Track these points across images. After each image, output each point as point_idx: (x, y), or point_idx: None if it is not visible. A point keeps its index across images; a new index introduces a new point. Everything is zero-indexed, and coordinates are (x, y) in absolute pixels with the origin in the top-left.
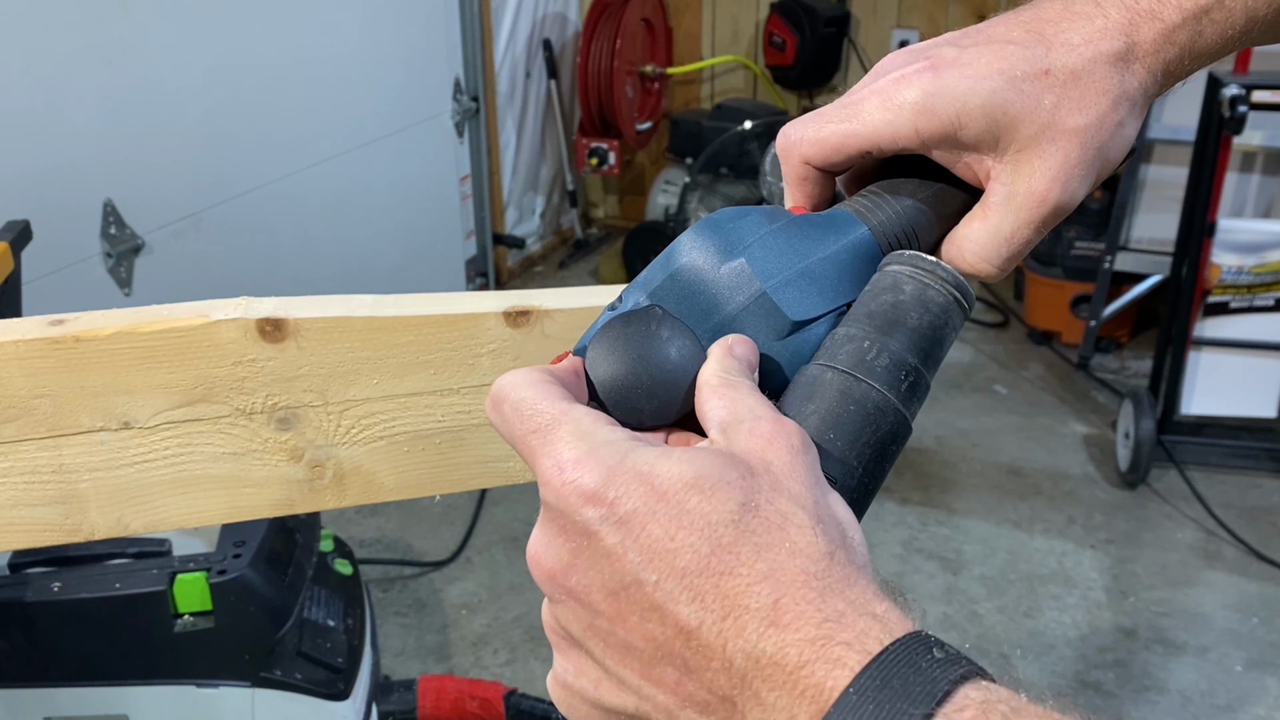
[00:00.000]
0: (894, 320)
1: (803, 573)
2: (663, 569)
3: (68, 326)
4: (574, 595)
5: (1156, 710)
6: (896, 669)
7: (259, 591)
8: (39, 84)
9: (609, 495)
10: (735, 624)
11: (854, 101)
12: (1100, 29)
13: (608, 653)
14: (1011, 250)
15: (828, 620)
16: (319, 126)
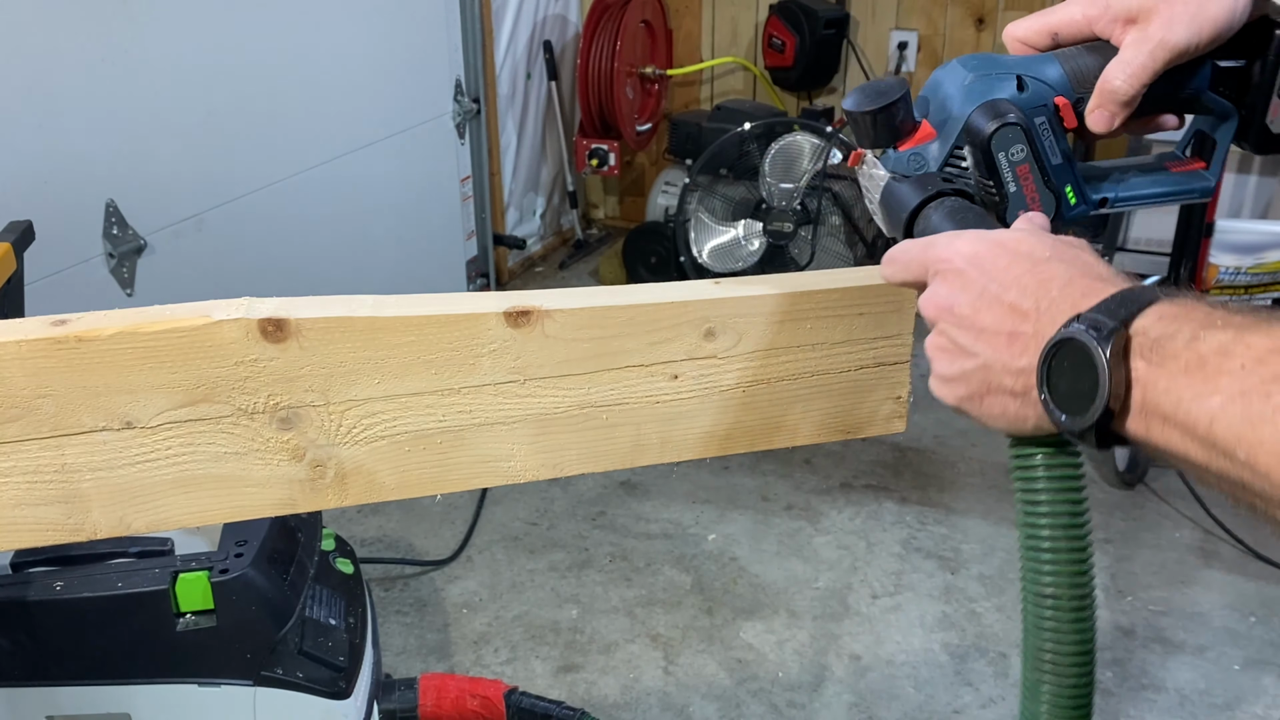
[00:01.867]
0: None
1: (1087, 268)
2: (1004, 280)
3: (70, 327)
4: (953, 312)
5: (1155, 709)
6: (1127, 294)
7: (261, 590)
8: (41, 85)
9: (973, 250)
10: (1044, 294)
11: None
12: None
13: (967, 337)
14: (1133, 69)
15: (1100, 281)
16: (321, 127)
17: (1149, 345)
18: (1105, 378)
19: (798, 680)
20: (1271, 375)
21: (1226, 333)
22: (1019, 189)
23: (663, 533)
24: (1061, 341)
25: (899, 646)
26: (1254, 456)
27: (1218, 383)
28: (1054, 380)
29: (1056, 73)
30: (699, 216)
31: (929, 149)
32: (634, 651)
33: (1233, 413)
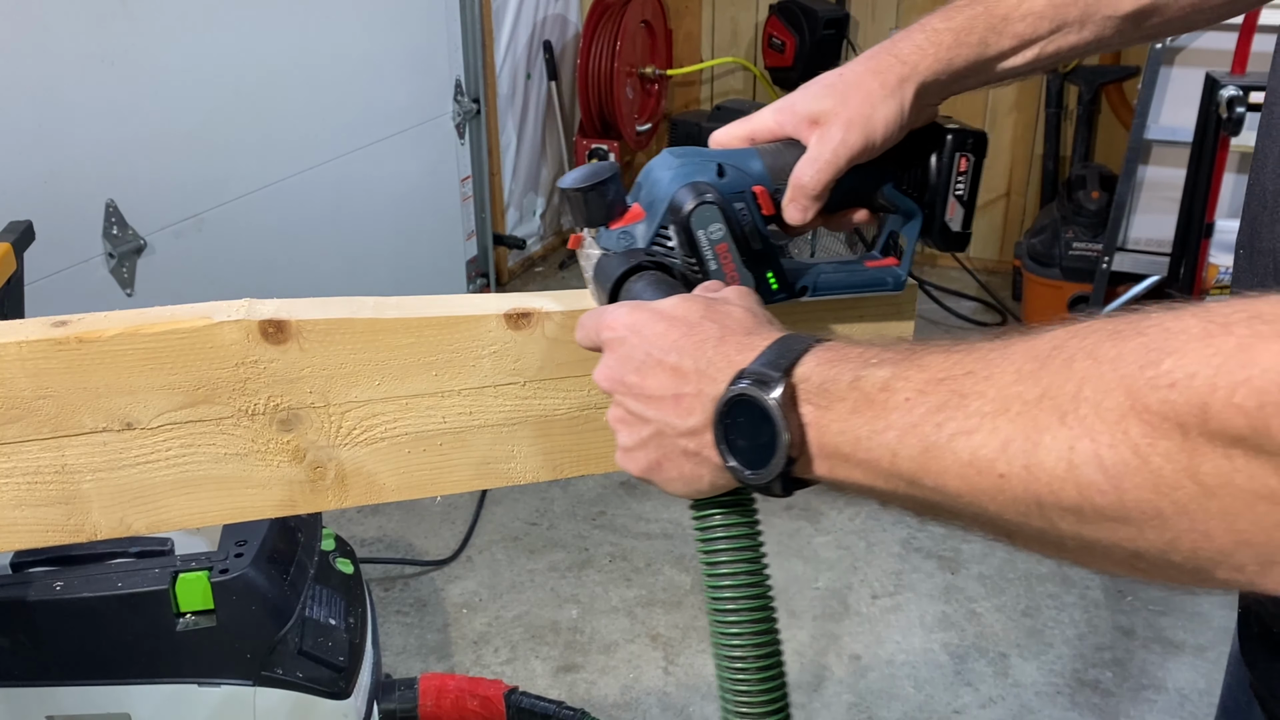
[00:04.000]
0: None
1: (739, 325)
2: (662, 345)
3: (71, 328)
4: (622, 382)
5: (1155, 709)
6: (783, 345)
7: (261, 590)
8: (41, 85)
9: (631, 319)
10: (701, 354)
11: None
12: (873, 54)
13: (638, 404)
14: (819, 166)
15: (751, 336)
16: (321, 128)
17: (814, 390)
18: (782, 428)
19: (798, 680)
20: (936, 405)
21: (884, 369)
22: (719, 267)
23: (663, 533)
24: (733, 399)
25: (899, 646)
26: (942, 482)
27: (889, 419)
28: (732, 438)
29: (756, 164)
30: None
31: (637, 228)
32: (634, 651)
33: (911, 445)
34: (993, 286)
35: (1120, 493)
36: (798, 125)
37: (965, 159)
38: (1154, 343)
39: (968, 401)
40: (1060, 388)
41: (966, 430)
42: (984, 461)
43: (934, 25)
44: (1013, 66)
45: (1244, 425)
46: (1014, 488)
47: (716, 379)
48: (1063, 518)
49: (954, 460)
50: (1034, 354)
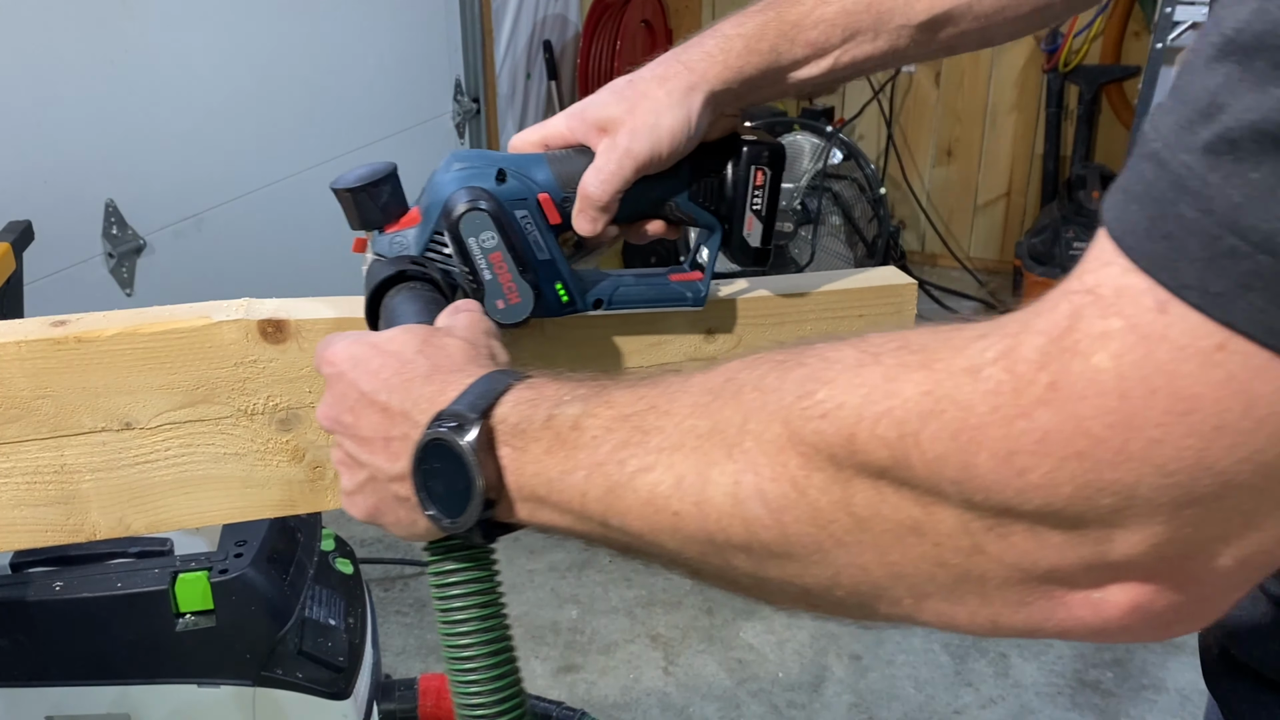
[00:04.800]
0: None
1: (451, 360)
2: (374, 384)
3: (70, 327)
4: (339, 422)
5: (1155, 709)
6: (485, 384)
7: (260, 591)
8: (41, 85)
9: (350, 353)
10: (409, 394)
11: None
12: (661, 61)
13: (354, 446)
14: (604, 176)
15: (457, 373)
16: (321, 127)
17: (510, 432)
18: (476, 473)
19: (798, 680)
20: (620, 442)
21: (575, 406)
22: (494, 277)
23: None
24: (429, 443)
25: (899, 647)
26: (625, 522)
27: (577, 458)
28: (431, 484)
29: (543, 171)
30: None
31: (410, 233)
32: (634, 652)
33: (597, 484)
34: (993, 286)
35: (782, 527)
36: (587, 132)
37: (761, 173)
38: (813, 373)
39: (649, 438)
40: (729, 421)
41: (645, 467)
42: (661, 499)
43: (725, 31)
44: (809, 77)
45: (886, 456)
46: (688, 525)
47: (419, 421)
48: (735, 555)
49: (635, 499)
50: (708, 387)
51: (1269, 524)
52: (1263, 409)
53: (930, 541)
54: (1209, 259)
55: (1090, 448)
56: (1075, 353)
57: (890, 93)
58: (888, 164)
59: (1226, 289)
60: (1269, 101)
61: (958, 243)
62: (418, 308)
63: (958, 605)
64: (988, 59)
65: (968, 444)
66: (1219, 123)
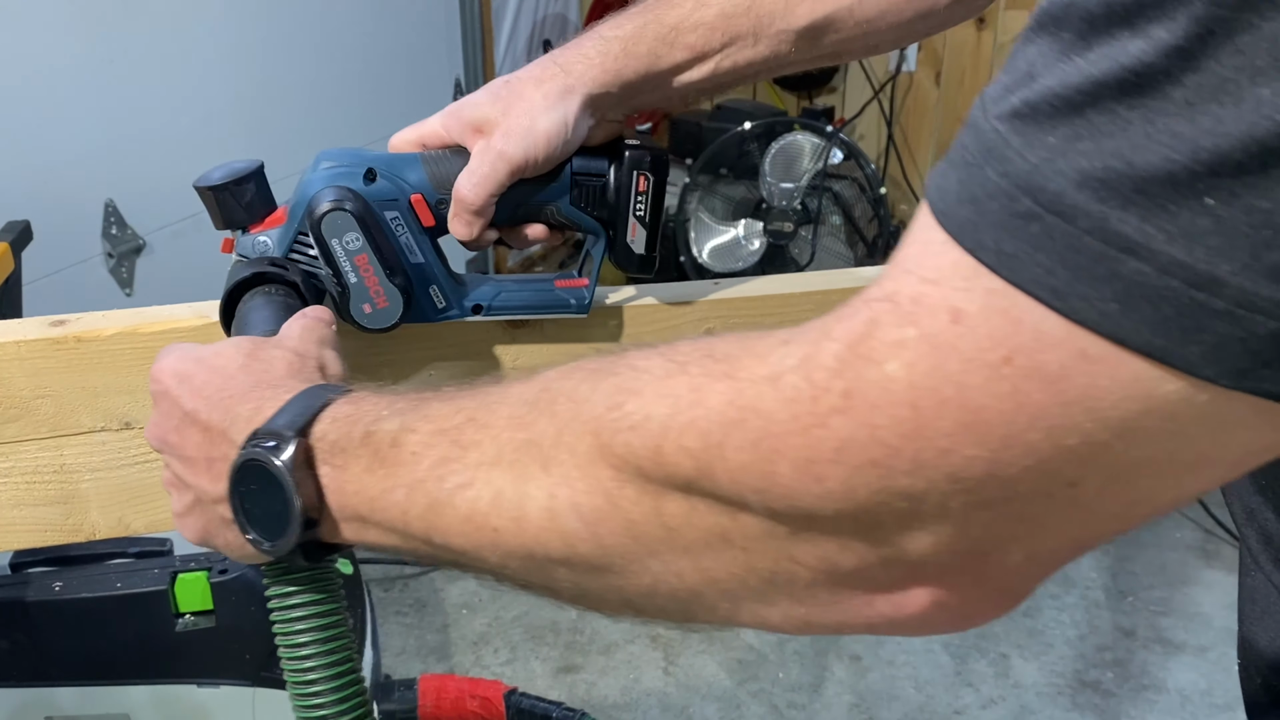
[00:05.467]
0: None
1: (274, 375)
2: (198, 400)
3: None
4: (165, 442)
5: (1155, 709)
6: (304, 399)
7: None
8: (40, 84)
9: (178, 369)
10: (228, 412)
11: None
12: (539, 62)
13: (180, 467)
14: (478, 179)
15: (277, 388)
16: (320, 127)
17: (329, 449)
18: (294, 494)
19: (798, 681)
20: (439, 458)
21: (394, 421)
22: (360, 280)
23: None
24: (244, 464)
25: (899, 647)
26: (448, 540)
27: (397, 476)
28: (249, 506)
29: (416, 172)
30: (699, 216)
31: (274, 233)
32: (634, 652)
33: (418, 502)
34: None
35: (598, 539)
36: (463, 132)
37: (644, 178)
38: (622, 383)
39: (467, 452)
40: (544, 433)
41: (465, 484)
42: (480, 516)
43: (603, 34)
44: (690, 81)
45: (692, 467)
46: (508, 541)
47: (236, 440)
48: (555, 569)
49: (454, 516)
50: (524, 398)
51: (1057, 525)
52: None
53: (739, 548)
54: (1006, 220)
55: (884, 456)
56: (870, 360)
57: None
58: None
59: (1019, 250)
60: (1070, 69)
61: None
62: (269, 314)
63: (771, 607)
64: (988, 58)
65: (768, 453)
66: (1029, 89)
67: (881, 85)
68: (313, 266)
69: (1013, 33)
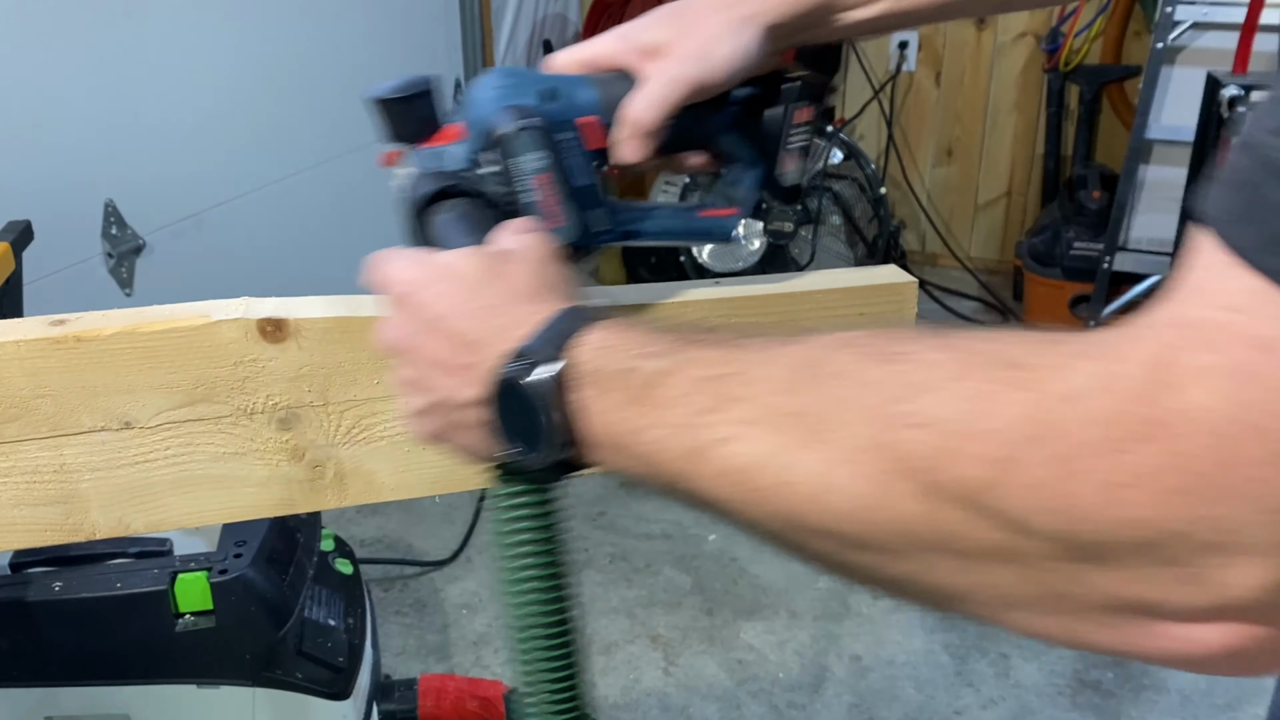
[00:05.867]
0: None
1: (525, 288)
2: (445, 308)
3: (69, 327)
4: (406, 345)
5: (1156, 710)
6: (561, 322)
7: (260, 591)
8: (40, 85)
9: (416, 275)
10: (483, 323)
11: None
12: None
13: (420, 370)
14: (653, 100)
15: (533, 303)
16: (320, 127)
17: (587, 376)
18: (552, 413)
19: (798, 681)
20: (702, 407)
21: (659, 361)
22: (539, 199)
23: (663, 533)
24: (504, 381)
25: (900, 647)
26: (703, 486)
27: (656, 415)
28: (506, 419)
29: (588, 93)
30: None
31: (452, 148)
32: (634, 652)
33: (675, 446)
34: (994, 286)
35: (862, 524)
36: (634, 55)
37: (808, 110)
38: (912, 375)
39: (732, 407)
40: (817, 405)
41: (727, 438)
42: (740, 473)
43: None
44: (865, 19)
45: (980, 478)
46: (769, 502)
47: (496, 351)
48: (813, 538)
49: (713, 468)
50: (794, 362)
51: None
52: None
53: (1018, 564)
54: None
55: (1190, 484)
56: (1173, 387)
57: (890, 92)
58: (888, 164)
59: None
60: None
61: (958, 243)
62: (469, 225)
63: (1045, 618)
64: (988, 58)
65: (1067, 474)
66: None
67: (881, 85)
68: (486, 184)
69: (1013, 32)
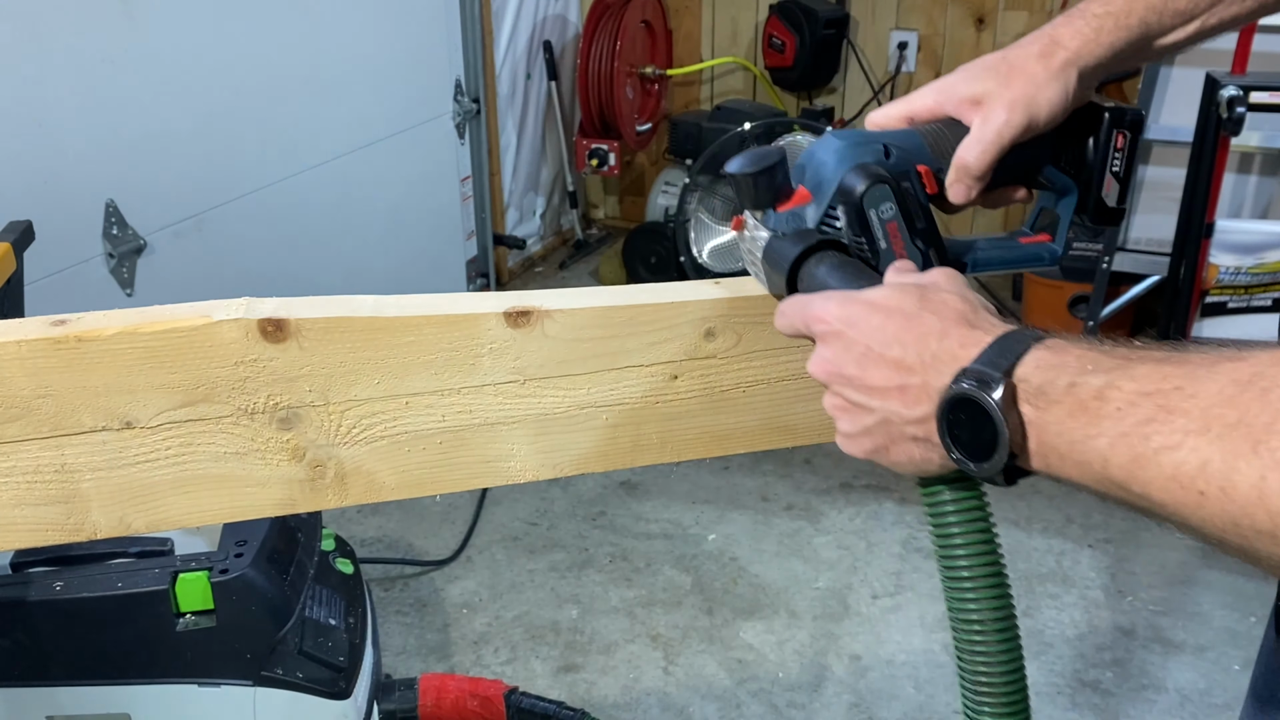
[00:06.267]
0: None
1: (958, 315)
2: (882, 338)
3: (70, 327)
4: (841, 375)
5: (1155, 709)
6: (1004, 343)
7: (261, 591)
8: (41, 85)
9: (845, 312)
10: (925, 347)
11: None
12: (1033, 38)
13: (860, 395)
14: (983, 147)
15: (974, 329)
16: (321, 127)
17: (1033, 392)
18: (1004, 428)
19: (798, 680)
20: (1144, 417)
21: (1099, 377)
22: (889, 246)
23: (663, 533)
24: (955, 398)
25: (899, 646)
26: (1148, 491)
27: (1101, 426)
28: (956, 433)
29: (918, 144)
30: (699, 216)
31: (806, 210)
32: (634, 652)
33: (1121, 453)
34: (992, 286)
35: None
36: (958, 106)
37: (1122, 136)
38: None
39: (1173, 418)
40: (1256, 416)
41: (1170, 445)
42: (1185, 478)
43: (1093, 11)
44: (1174, 41)
45: None
46: (1212, 505)
47: (942, 372)
48: (1258, 538)
49: (1158, 473)
50: (1236, 378)
51: None
52: None
53: None
54: None
55: None
56: None
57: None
58: None
59: None
60: None
61: None
62: (853, 271)
63: None
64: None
65: None
66: None
67: (881, 85)
68: (839, 237)
69: (1012, 33)
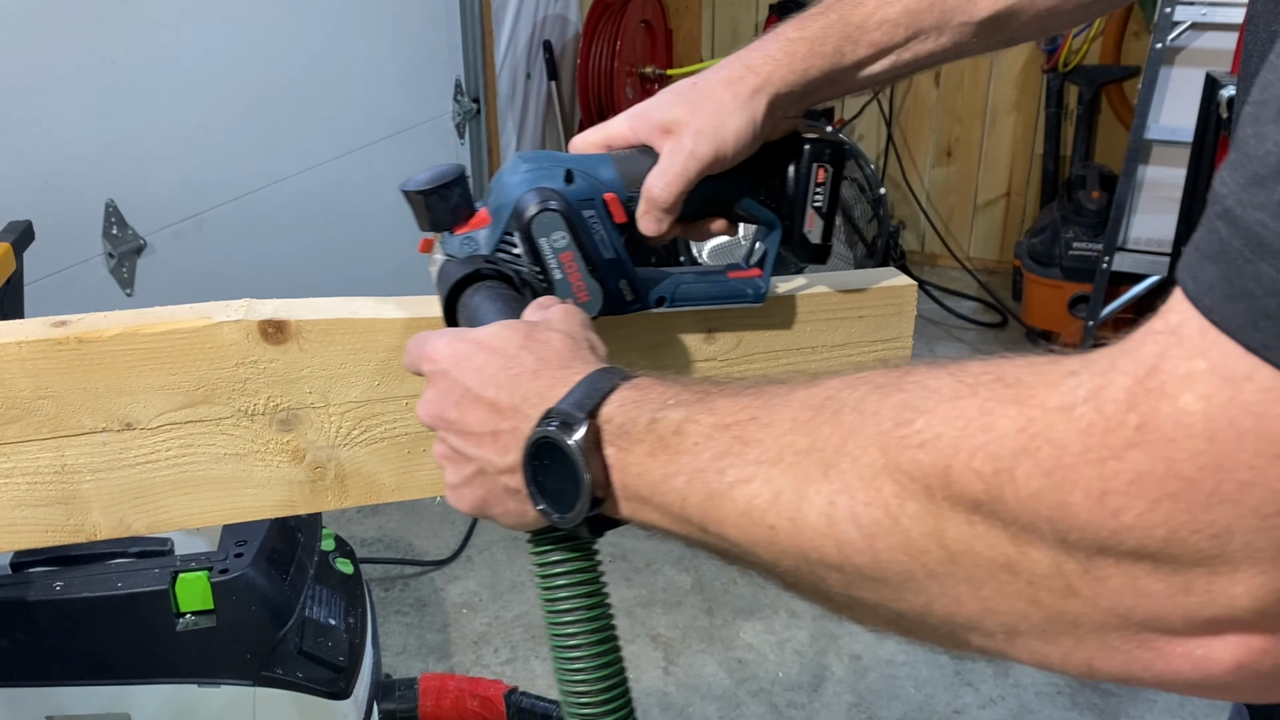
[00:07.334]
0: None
1: (555, 355)
2: (480, 379)
3: (70, 328)
4: (442, 418)
5: (1155, 709)
6: (591, 382)
7: (261, 591)
8: (41, 85)
9: (452, 350)
10: (516, 389)
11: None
12: (727, 63)
13: (460, 441)
14: (669, 177)
15: (565, 369)
16: (321, 128)
17: (615, 432)
18: (584, 472)
19: (798, 680)
20: (720, 451)
21: (679, 411)
22: (564, 276)
23: None
24: (538, 441)
25: (899, 646)
26: (723, 530)
27: (680, 462)
28: (541, 479)
29: (608, 171)
30: None
31: (481, 233)
32: (634, 651)
33: (697, 490)
34: (993, 286)
35: (875, 553)
36: (650, 133)
37: (823, 170)
38: (911, 400)
39: (748, 449)
40: (827, 440)
41: (744, 479)
42: (757, 512)
43: (788, 35)
44: (870, 75)
45: (981, 491)
46: (783, 540)
47: (529, 416)
48: (828, 573)
49: (732, 509)
50: (809, 403)
51: None
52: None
53: (1024, 580)
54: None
55: (1182, 489)
56: (1162, 394)
57: (890, 93)
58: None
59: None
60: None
61: (957, 243)
62: (500, 305)
63: (1051, 645)
64: (987, 59)
65: (1061, 483)
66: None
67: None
68: (517, 264)
69: None
